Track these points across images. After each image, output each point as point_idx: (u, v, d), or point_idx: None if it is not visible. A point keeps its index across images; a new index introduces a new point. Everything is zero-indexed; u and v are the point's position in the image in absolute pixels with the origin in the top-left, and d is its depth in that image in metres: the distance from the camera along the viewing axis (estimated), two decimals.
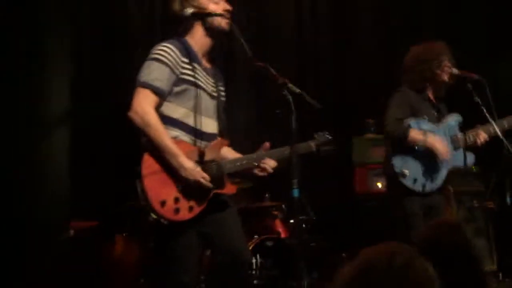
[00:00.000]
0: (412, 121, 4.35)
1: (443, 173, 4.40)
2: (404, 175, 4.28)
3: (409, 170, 4.30)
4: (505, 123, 4.50)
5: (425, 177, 4.34)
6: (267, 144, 3.48)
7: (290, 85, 3.18)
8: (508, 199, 4.24)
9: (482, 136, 4.43)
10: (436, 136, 4.37)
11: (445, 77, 4.50)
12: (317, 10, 7.15)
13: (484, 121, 4.37)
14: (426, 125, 4.42)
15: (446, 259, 2.11)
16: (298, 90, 3.18)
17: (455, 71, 4.51)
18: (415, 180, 4.31)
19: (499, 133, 4.36)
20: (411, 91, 4.49)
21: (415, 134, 4.29)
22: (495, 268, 6.04)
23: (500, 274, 5.77)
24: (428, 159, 4.35)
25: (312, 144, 3.65)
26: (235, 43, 4.80)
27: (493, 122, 4.33)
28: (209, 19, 3.39)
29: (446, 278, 1.62)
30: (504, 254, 5.99)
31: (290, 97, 3.12)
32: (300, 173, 3.07)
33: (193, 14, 3.38)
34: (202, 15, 3.39)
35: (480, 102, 4.33)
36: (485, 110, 4.31)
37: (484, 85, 4.33)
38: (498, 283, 5.65)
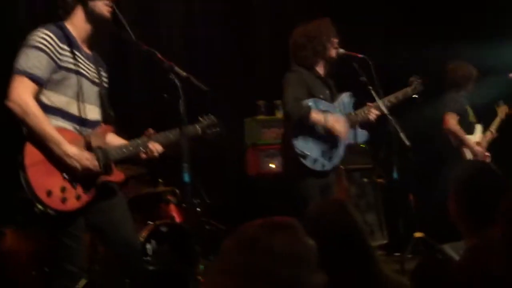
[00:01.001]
0: (310, 101, 4.43)
1: (340, 152, 4.53)
2: (305, 156, 4.35)
3: (310, 151, 4.38)
4: (387, 100, 4.66)
5: (324, 157, 4.45)
6: (150, 130, 3.47)
7: (176, 68, 3.15)
8: (394, 174, 4.41)
9: (373, 112, 4.58)
10: (335, 116, 4.47)
11: (334, 53, 4.61)
12: None
13: (372, 99, 4.52)
14: (323, 104, 4.52)
15: (330, 235, 2.18)
16: (184, 74, 3.17)
17: (341, 51, 4.62)
18: (315, 161, 4.41)
19: (385, 110, 4.51)
20: (304, 70, 4.56)
21: (315, 115, 4.37)
22: (386, 241, 6.29)
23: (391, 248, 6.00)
24: (326, 138, 4.45)
25: (198, 127, 3.66)
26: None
27: (378, 100, 4.48)
28: (91, 4, 3.28)
29: (330, 254, 1.67)
30: (392, 228, 6.24)
31: (177, 81, 3.10)
32: (192, 157, 3.07)
33: None
34: (83, 1, 3.28)
35: (365, 80, 4.47)
36: (371, 88, 4.45)
37: (369, 64, 4.47)
38: (387, 256, 5.88)
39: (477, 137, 5.94)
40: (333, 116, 4.46)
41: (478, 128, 6.00)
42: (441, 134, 5.87)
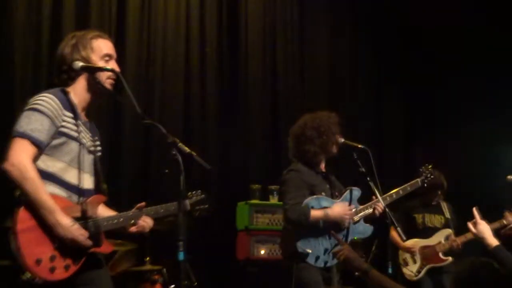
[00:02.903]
0: (312, 200, 4.40)
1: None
2: (307, 255, 4.32)
3: (312, 248, 4.35)
4: (401, 191, 4.75)
5: (327, 254, 4.40)
6: (142, 204, 3.41)
7: (180, 144, 3.12)
8: (389, 269, 4.34)
9: (379, 207, 4.54)
10: (333, 206, 4.44)
11: (336, 150, 4.62)
12: (206, 74, 7.16)
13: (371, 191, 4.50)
14: (326, 201, 4.48)
15: None
16: (188, 150, 3.13)
17: (341, 140, 4.63)
18: (317, 258, 4.38)
19: (382, 204, 4.48)
20: (304, 167, 4.53)
21: (314, 213, 4.35)
22: None
23: None
24: (329, 236, 4.42)
25: (187, 202, 3.60)
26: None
27: (377, 193, 4.45)
28: (95, 75, 3.29)
29: None
30: None
31: (179, 157, 3.07)
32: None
33: (82, 68, 3.27)
34: (91, 69, 3.29)
35: (364, 172, 4.46)
36: (369, 180, 4.43)
37: (368, 154, 4.47)
38: None
39: (431, 241, 6.12)
40: (331, 208, 4.42)
41: (443, 232, 6.13)
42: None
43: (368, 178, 4.44)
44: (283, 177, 4.55)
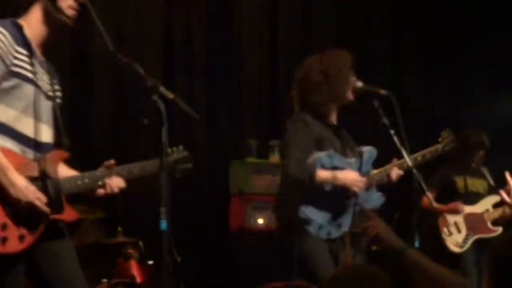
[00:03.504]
0: (323, 157, 4.36)
1: (350, 218, 4.47)
2: (309, 221, 4.30)
3: (315, 215, 4.33)
4: (420, 157, 4.62)
5: (331, 224, 4.39)
6: (111, 161, 3.39)
7: (162, 88, 3.07)
8: (416, 243, 4.33)
9: (395, 173, 4.51)
10: (345, 171, 4.40)
11: (352, 96, 4.53)
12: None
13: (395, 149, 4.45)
14: (338, 160, 4.43)
15: None
16: (172, 96, 3.09)
17: (359, 84, 4.55)
18: (320, 227, 4.36)
19: (410, 163, 4.43)
20: (312, 118, 4.47)
21: (322, 174, 4.31)
22: None
23: None
24: (336, 203, 4.40)
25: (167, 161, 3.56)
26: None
27: (403, 150, 4.40)
28: (53, 4, 3.23)
29: None
30: None
31: (161, 104, 3.02)
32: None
33: None
34: None
35: (388, 124, 4.40)
36: (393, 134, 4.38)
37: (394, 102, 4.39)
38: None
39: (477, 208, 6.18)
40: (342, 171, 4.39)
41: (489, 199, 6.17)
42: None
43: (392, 132, 4.38)
44: (287, 130, 4.50)
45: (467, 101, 7.76)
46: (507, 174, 3.81)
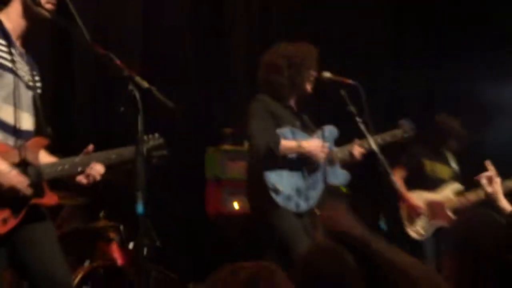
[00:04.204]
0: (286, 131, 4.43)
1: (318, 192, 4.50)
2: (277, 191, 4.32)
3: (284, 186, 4.35)
4: (380, 139, 4.67)
5: (300, 196, 4.42)
6: (90, 147, 3.42)
7: (137, 78, 3.10)
8: (382, 224, 4.38)
9: (357, 150, 4.57)
10: (310, 139, 4.47)
11: (309, 88, 4.61)
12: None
13: (360, 134, 4.51)
14: (301, 136, 4.50)
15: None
16: (147, 85, 3.11)
17: (327, 74, 4.62)
18: (288, 198, 4.38)
19: (374, 147, 4.50)
20: (270, 99, 4.54)
21: (286, 142, 4.36)
22: None
23: None
24: (303, 174, 4.45)
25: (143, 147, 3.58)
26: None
27: (368, 135, 4.47)
28: None
29: None
30: None
31: (136, 93, 3.04)
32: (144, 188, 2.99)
33: None
34: None
35: (354, 111, 4.47)
36: (359, 120, 4.45)
37: (360, 92, 4.46)
38: None
39: (439, 195, 6.10)
40: (307, 140, 4.45)
41: (449, 187, 6.13)
42: None
43: (358, 118, 4.45)
44: (247, 109, 4.56)
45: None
46: (487, 163, 3.83)
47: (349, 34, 7.56)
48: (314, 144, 4.47)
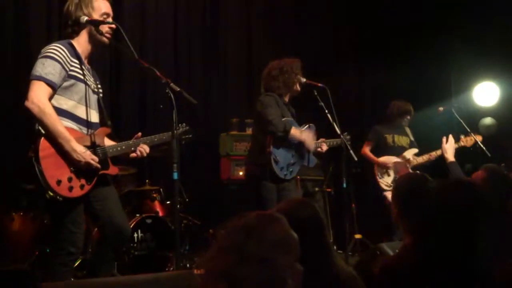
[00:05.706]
0: (290, 120, 4.48)
1: (297, 167, 4.56)
2: (277, 162, 4.35)
3: (281, 159, 4.39)
4: (337, 141, 4.72)
5: (288, 168, 4.45)
6: (139, 134, 3.44)
7: (171, 84, 3.11)
8: (344, 184, 4.42)
9: (324, 147, 4.65)
10: (306, 131, 4.51)
11: (299, 88, 4.62)
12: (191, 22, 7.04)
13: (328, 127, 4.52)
14: (295, 124, 4.53)
15: (299, 230, 2.07)
16: (178, 89, 3.13)
17: (303, 79, 4.63)
18: (282, 168, 4.41)
19: (338, 130, 4.51)
20: (275, 95, 4.55)
21: (294, 130, 4.37)
22: (331, 240, 6.27)
23: (335, 246, 6.00)
24: (294, 153, 4.48)
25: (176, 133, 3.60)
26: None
27: (334, 123, 4.48)
28: (96, 29, 3.23)
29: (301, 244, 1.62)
30: (337, 229, 6.28)
31: (171, 95, 3.06)
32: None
33: (87, 21, 3.22)
34: (95, 22, 3.23)
35: (323, 106, 4.48)
36: (327, 112, 4.46)
37: (327, 92, 4.47)
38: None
39: (407, 155, 5.99)
40: (305, 132, 4.49)
41: (410, 151, 6.02)
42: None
43: (326, 111, 4.46)
44: (259, 101, 4.51)
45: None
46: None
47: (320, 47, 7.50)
48: (309, 137, 4.48)
